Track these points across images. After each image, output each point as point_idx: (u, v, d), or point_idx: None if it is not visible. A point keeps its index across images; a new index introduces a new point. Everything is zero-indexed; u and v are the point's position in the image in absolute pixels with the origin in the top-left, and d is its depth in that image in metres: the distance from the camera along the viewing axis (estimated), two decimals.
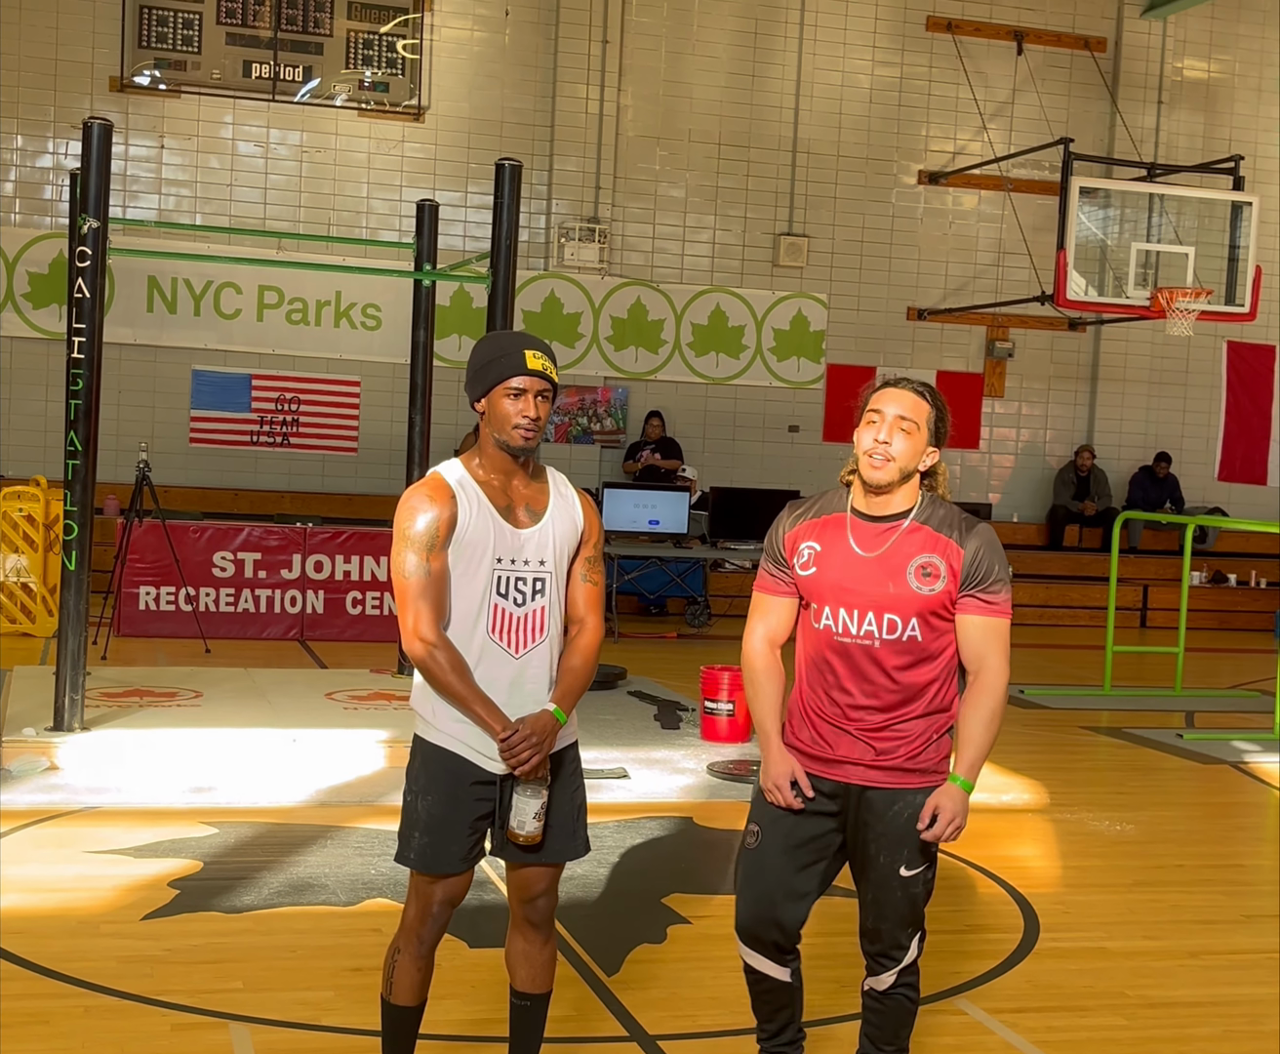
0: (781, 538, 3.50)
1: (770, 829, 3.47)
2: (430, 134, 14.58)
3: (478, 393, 3.40)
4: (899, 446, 3.35)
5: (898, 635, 3.36)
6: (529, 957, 3.57)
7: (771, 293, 15.45)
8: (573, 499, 3.51)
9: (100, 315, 7.17)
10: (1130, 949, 5.17)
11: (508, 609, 3.37)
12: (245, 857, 5.71)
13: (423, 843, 3.39)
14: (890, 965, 3.52)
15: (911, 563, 3.36)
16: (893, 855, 3.43)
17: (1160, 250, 14.07)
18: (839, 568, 3.40)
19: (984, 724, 3.36)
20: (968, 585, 3.36)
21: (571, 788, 3.50)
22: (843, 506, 3.48)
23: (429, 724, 3.42)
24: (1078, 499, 15.83)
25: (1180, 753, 8.66)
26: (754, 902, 3.50)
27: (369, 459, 14.39)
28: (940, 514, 3.42)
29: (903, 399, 3.38)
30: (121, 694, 8.04)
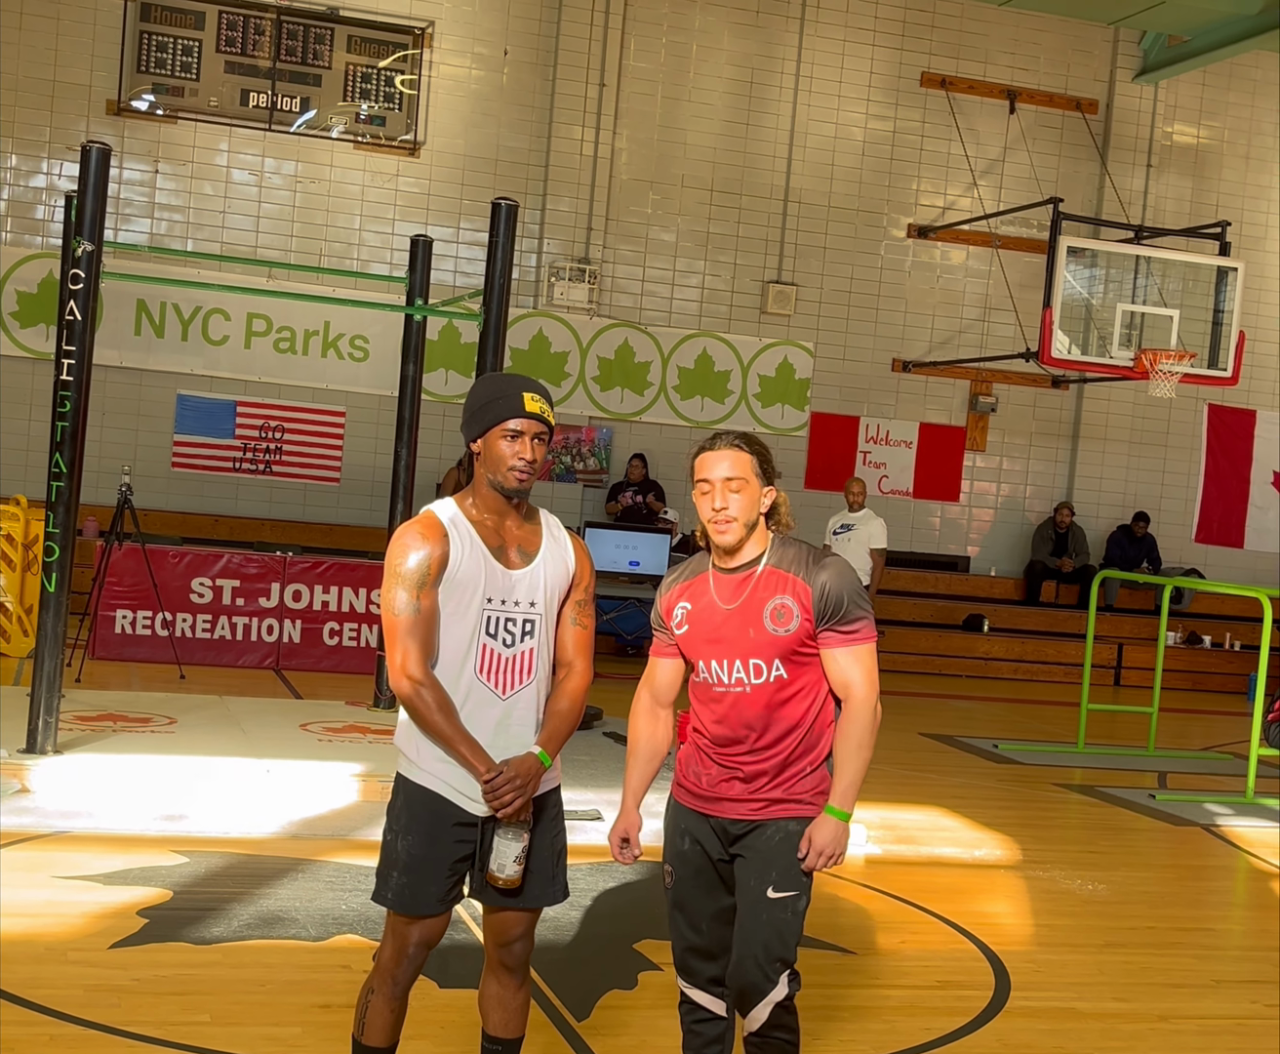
0: (659, 604, 3.67)
1: (680, 865, 3.64)
2: (425, 169, 14.64)
3: (474, 433, 3.41)
4: (735, 506, 3.47)
5: (765, 678, 3.50)
6: (503, 1001, 3.55)
7: (758, 339, 15.53)
8: (565, 542, 3.52)
9: (91, 339, 7.17)
10: (1100, 1011, 5.17)
11: (496, 649, 3.38)
12: (215, 887, 5.67)
13: (401, 883, 3.38)
14: (755, 999, 3.50)
15: (766, 607, 3.49)
16: (763, 877, 3.52)
17: (1145, 312, 14.18)
18: (706, 623, 3.55)
19: (853, 751, 3.49)
20: (822, 620, 3.49)
21: (553, 833, 3.49)
22: (706, 566, 3.62)
23: (413, 763, 3.41)
24: (1056, 555, 15.90)
25: (1152, 813, 8.68)
26: (682, 934, 3.66)
27: (351, 490, 14.39)
28: (790, 554, 3.54)
29: (723, 460, 3.48)
30: (95, 718, 7.99)
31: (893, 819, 7.78)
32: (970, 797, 8.72)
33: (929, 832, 7.76)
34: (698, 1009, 3.67)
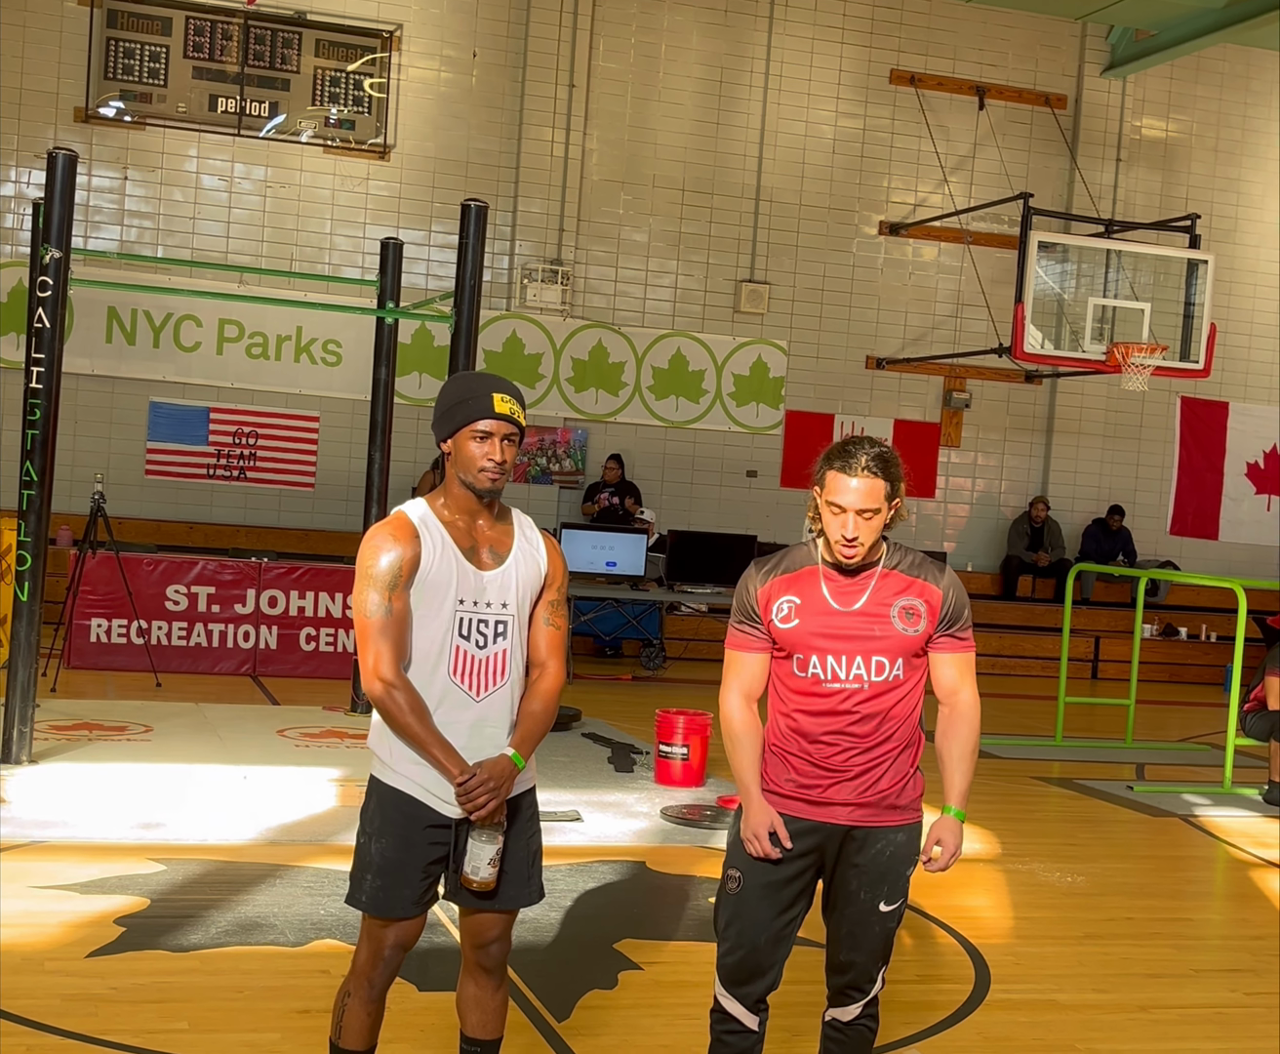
0: (754, 595, 3.54)
1: (751, 873, 3.54)
2: (395, 172, 14.60)
3: (444, 433, 3.39)
4: (865, 535, 3.44)
5: (885, 676, 3.48)
6: (480, 1003, 3.54)
7: (732, 338, 15.54)
8: (537, 542, 3.51)
9: (60, 346, 7.14)
10: (1080, 1002, 5.18)
11: (469, 651, 3.36)
12: (193, 895, 5.65)
13: (375, 885, 3.37)
14: (859, 998, 3.61)
15: (894, 606, 3.48)
16: (874, 892, 3.52)
17: (1117, 306, 14.25)
18: (822, 617, 3.48)
19: (967, 754, 3.56)
20: (944, 625, 3.51)
21: (528, 834, 3.48)
22: (813, 560, 3.55)
23: (386, 766, 3.40)
24: (1031, 550, 15.96)
25: (1130, 805, 8.71)
26: (738, 946, 3.56)
27: (326, 495, 14.34)
28: (909, 559, 3.56)
29: (860, 492, 3.41)
30: (70, 727, 7.95)
31: None
32: None
33: None
34: (730, 1020, 3.62)
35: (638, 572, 12.61)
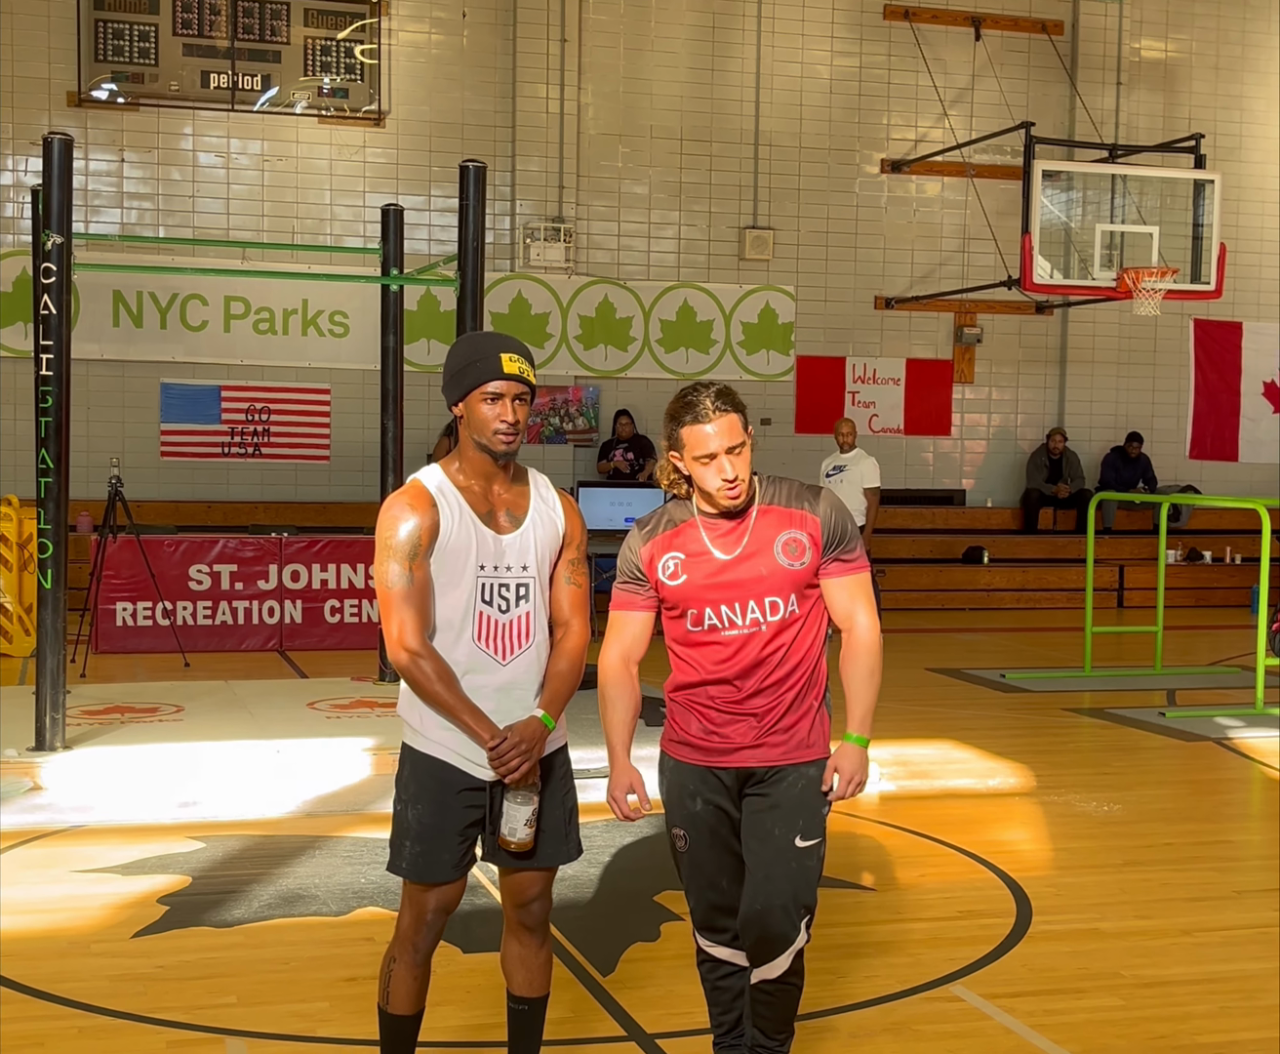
0: (637, 554, 3.54)
1: (691, 828, 3.57)
2: (391, 138, 14.52)
3: (455, 397, 3.37)
4: (740, 469, 3.42)
5: (781, 615, 3.46)
6: (525, 961, 3.55)
7: (739, 286, 15.45)
8: (554, 501, 3.49)
9: (67, 331, 7.11)
10: (1123, 929, 5.18)
11: (493, 616, 3.35)
12: (234, 870, 5.67)
13: (414, 852, 3.37)
14: (780, 950, 3.50)
15: (776, 542, 3.46)
16: (789, 826, 3.49)
17: (1125, 231, 14.13)
18: (708, 568, 3.47)
19: (865, 678, 3.50)
20: (829, 549, 3.48)
21: (562, 792, 3.48)
22: (689, 513, 3.54)
23: (417, 732, 3.40)
24: (1051, 482, 15.89)
25: (1163, 731, 8.70)
26: (703, 896, 3.61)
27: (342, 467, 14.33)
28: (784, 490, 3.53)
29: (720, 431, 3.39)
30: (102, 711, 7.98)
31: (905, 755, 7.79)
32: (980, 727, 8.73)
33: (941, 765, 7.77)
34: (721, 965, 3.66)
35: None
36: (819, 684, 3.54)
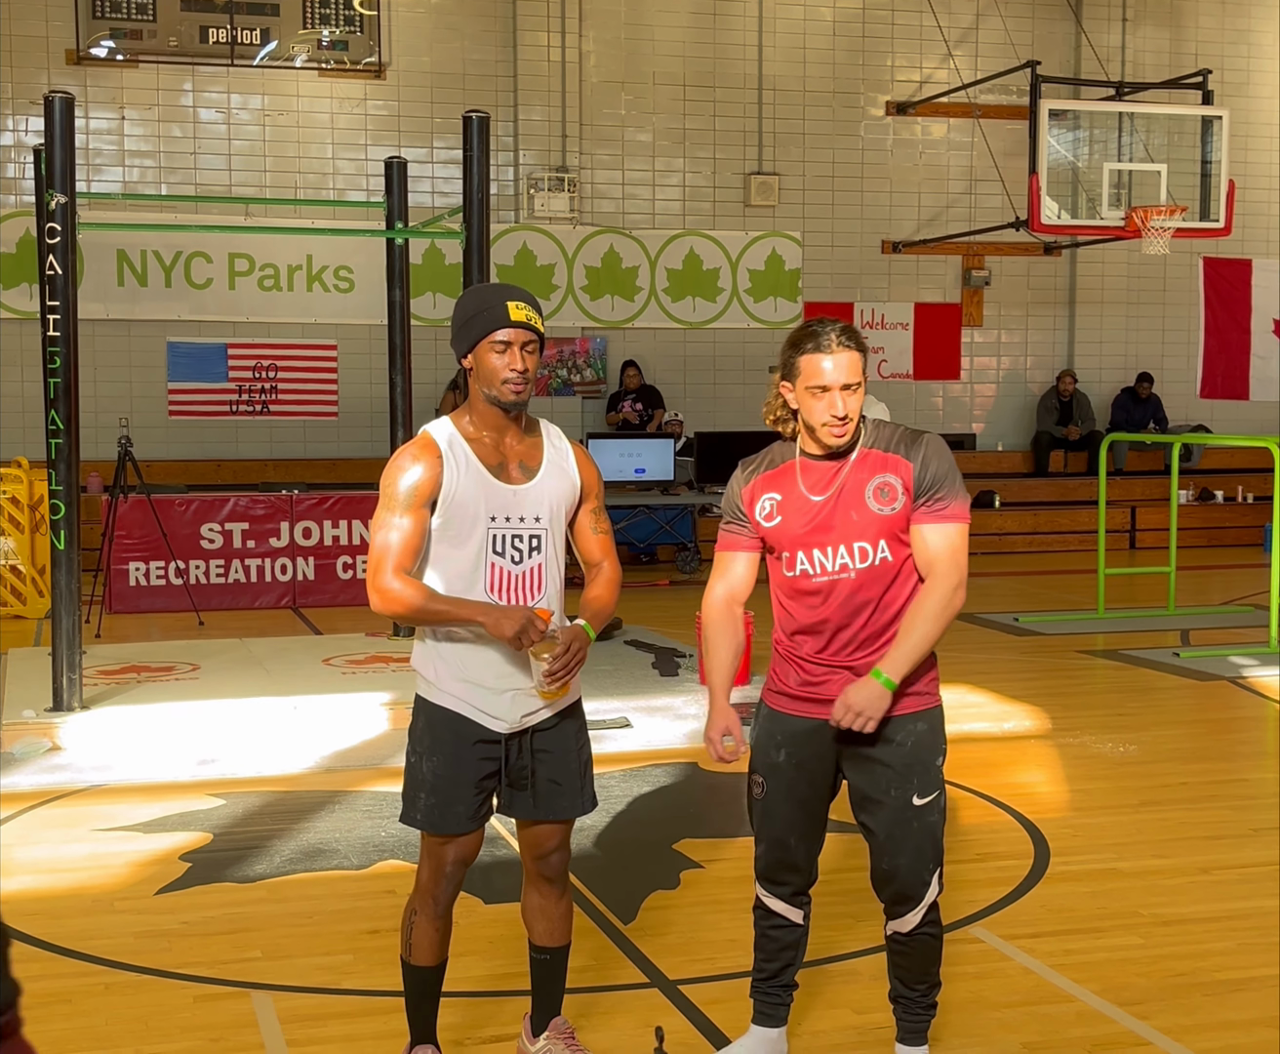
0: (738, 495, 3.51)
1: (771, 777, 3.50)
2: (393, 91, 14.43)
3: (464, 348, 3.35)
4: (851, 409, 3.36)
5: (870, 561, 3.38)
6: (545, 911, 3.57)
7: (745, 233, 15.37)
8: (567, 452, 3.47)
9: (73, 291, 7.08)
10: (1141, 868, 5.19)
11: (505, 567, 3.34)
12: (254, 826, 5.70)
13: (429, 803, 3.38)
14: (912, 906, 3.49)
15: (868, 487, 3.39)
16: (904, 787, 3.42)
17: (1132, 169, 14.03)
18: (801, 511, 3.42)
19: (919, 621, 3.35)
20: (920, 497, 3.39)
21: (578, 745, 3.48)
22: (792, 454, 3.48)
23: (432, 685, 3.40)
24: (1061, 424, 15.84)
25: (1178, 671, 8.70)
26: (770, 848, 3.56)
27: (350, 422, 14.31)
28: (885, 435, 3.45)
29: (841, 365, 3.34)
30: (118, 671, 8.00)
31: None
32: (995, 671, 8.74)
33: (956, 709, 7.73)
34: (774, 916, 3.62)
35: (667, 477, 12.59)
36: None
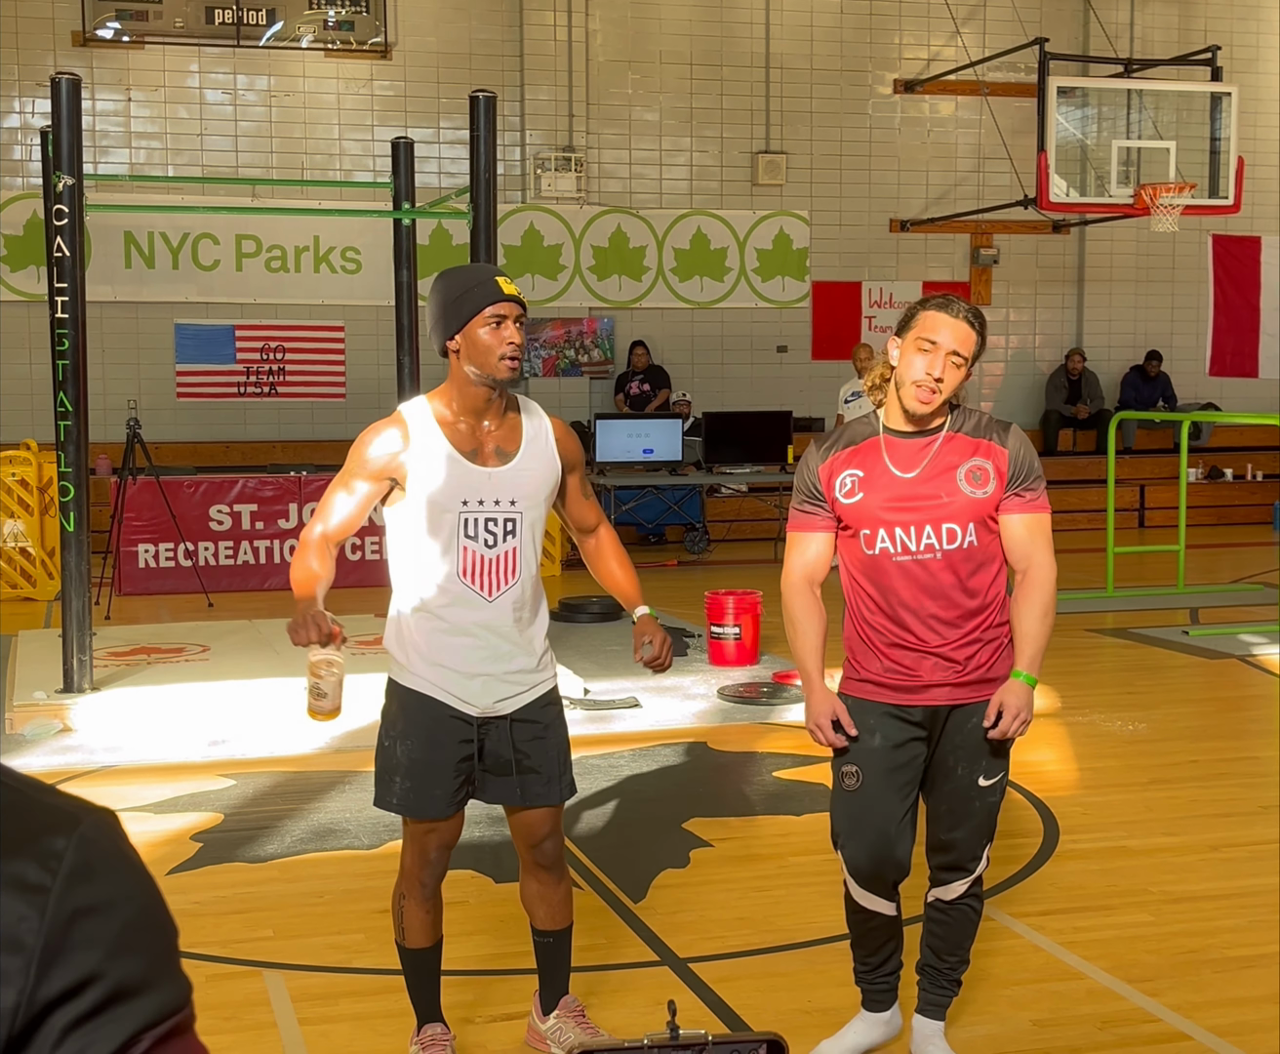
0: (815, 473, 3.44)
1: (867, 766, 3.40)
2: (399, 71, 14.39)
3: (452, 328, 3.27)
4: (948, 381, 3.32)
5: (958, 544, 3.34)
6: (544, 897, 3.57)
7: (752, 212, 15.33)
8: (546, 429, 3.42)
9: (81, 273, 7.09)
10: (1151, 846, 5.20)
11: (478, 551, 3.30)
12: (265, 806, 5.72)
13: (405, 787, 3.35)
14: (962, 876, 3.51)
15: (959, 469, 3.35)
16: (972, 767, 3.41)
17: (1141, 147, 13.96)
18: (887, 488, 3.36)
19: (1039, 618, 3.35)
20: (1012, 485, 3.37)
21: (556, 732, 3.45)
22: (874, 431, 3.44)
23: (403, 668, 3.37)
24: (1070, 403, 15.81)
25: (1187, 649, 8.69)
26: (870, 844, 3.43)
27: (358, 404, 14.29)
28: (973, 421, 3.42)
29: (957, 332, 3.32)
30: (128, 652, 8.02)
31: None
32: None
33: None
34: (873, 915, 3.52)
35: (675, 457, 12.58)
36: (1004, 626, 3.40)
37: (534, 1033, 3.70)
